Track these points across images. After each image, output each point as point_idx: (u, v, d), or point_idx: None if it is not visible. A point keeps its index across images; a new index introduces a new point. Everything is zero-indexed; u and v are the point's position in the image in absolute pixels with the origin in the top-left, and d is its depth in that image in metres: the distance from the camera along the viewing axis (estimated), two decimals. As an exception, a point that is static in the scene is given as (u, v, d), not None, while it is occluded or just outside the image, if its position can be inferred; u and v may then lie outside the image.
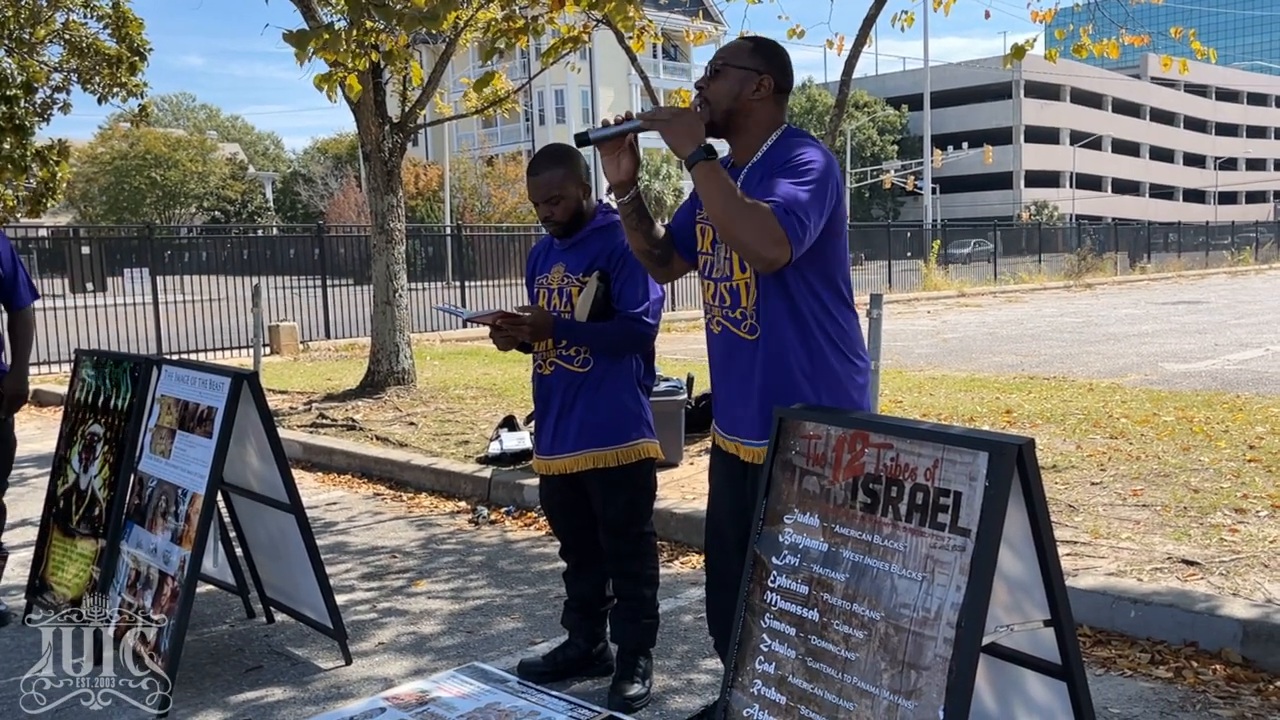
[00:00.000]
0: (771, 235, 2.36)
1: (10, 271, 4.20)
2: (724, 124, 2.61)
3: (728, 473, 2.77)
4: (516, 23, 7.62)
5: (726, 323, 2.66)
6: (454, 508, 5.93)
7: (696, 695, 3.31)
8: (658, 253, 2.76)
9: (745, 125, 2.61)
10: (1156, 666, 3.37)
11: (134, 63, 10.43)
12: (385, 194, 9.23)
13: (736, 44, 2.66)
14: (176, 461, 3.57)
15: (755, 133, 2.61)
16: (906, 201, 62.25)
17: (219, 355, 14.20)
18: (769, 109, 2.62)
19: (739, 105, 2.59)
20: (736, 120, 2.60)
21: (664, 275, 2.87)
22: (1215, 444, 6.11)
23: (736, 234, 2.39)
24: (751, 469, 2.65)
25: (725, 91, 2.59)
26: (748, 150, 2.62)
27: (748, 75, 2.58)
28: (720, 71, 2.60)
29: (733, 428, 2.71)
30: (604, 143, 2.62)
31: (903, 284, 27.51)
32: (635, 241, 2.75)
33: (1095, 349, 12.52)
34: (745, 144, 2.63)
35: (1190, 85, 72.98)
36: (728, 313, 2.65)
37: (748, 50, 2.62)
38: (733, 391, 2.69)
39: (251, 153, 77.55)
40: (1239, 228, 48.34)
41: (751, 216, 2.36)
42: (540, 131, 51.87)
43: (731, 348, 2.67)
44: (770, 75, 2.60)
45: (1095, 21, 7.47)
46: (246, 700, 3.36)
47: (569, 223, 3.24)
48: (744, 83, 2.58)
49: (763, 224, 2.36)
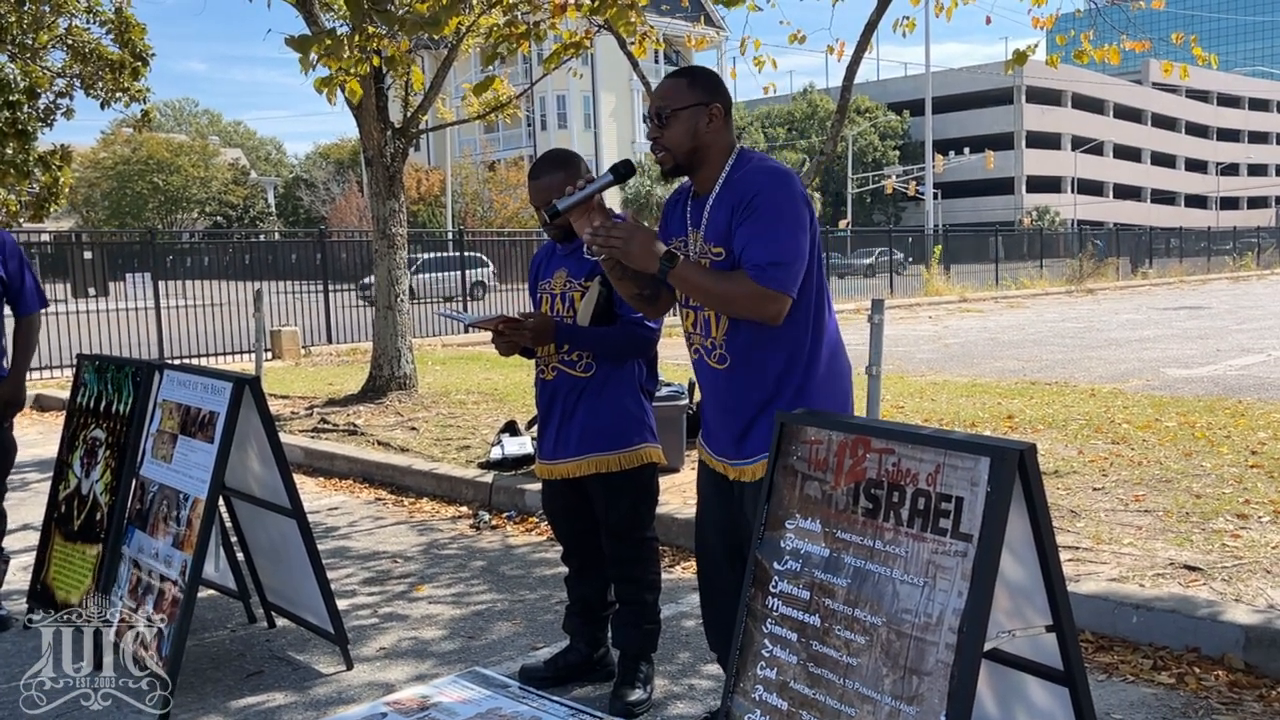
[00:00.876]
0: (762, 299, 2.48)
1: (16, 275, 4.15)
2: (687, 164, 2.65)
3: (714, 486, 2.82)
4: (518, 28, 7.63)
5: (702, 351, 2.73)
6: (455, 513, 5.93)
7: (698, 701, 3.30)
8: (647, 293, 2.80)
9: (706, 158, 2.65)
10: (1159, 672, 3.36)
11: (136, 68, 10.46)
12: (387, 199, 9.24)
13: (671, 84, 2.67)
14: (178, 466, 3.57)
15: (715, 161, 2.66)
16: (908, 207, 62.27)
17: (221, 360, 14.20)
18: (723, 134, 2.66)
19: (698, 142, 2.63)
20: (698, 156, 2.65)
21: (654, 312, 2.93)
22: (1217, 449, 6.10)
23: (734, 312, 2.55)
24: (738, 487, 2.71)
25: (683, 134, 2.62)
26: (710, 180, 2.66)
27: (698, 110, 2.62)
28: (672, 117, 2.62)
29: (715, 446, 2.78)
30: (573, 209, 2.66)
31: (904, 289, 27.51)
32: (624, 289, 2.78)
33: (1097, 354, 12.52)
34: (707, 175, 2.67)
35: (1192, 91, 72.99)
36: (701, 341, 2.71)
37: (686, 86, 2.64)
38: (715, 413, 2.75)
39: (254, 158, 77.69)
40: (1241, 233, 48.29)
41: (737, 293, 2.50)
42: (542, 136, 51.91)
43: (705, 374, 2.74)
44: (717, 102, 2.64)
45: (1096, 27, 7.48)
46: (247, 705, 3.36)
47: (570, 227, 3.24)
48: (697, 118, 2.62)
49: (748, 293, 2.48)
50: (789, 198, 2.53)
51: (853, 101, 21.00)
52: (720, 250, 2.59)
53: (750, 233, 2.51)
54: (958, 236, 34.57)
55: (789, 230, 2.50)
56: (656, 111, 2.65)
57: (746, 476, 2.66)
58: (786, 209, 2.52)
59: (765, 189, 2.53)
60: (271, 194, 59.75)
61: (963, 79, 62.82)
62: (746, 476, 2.66)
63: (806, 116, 59.61)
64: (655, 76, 49.27)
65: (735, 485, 2.71)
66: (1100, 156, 67.76)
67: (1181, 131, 75.64)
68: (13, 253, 4.16)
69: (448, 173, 39.72)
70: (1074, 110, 66.39)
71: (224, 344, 14.74)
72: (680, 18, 34.73)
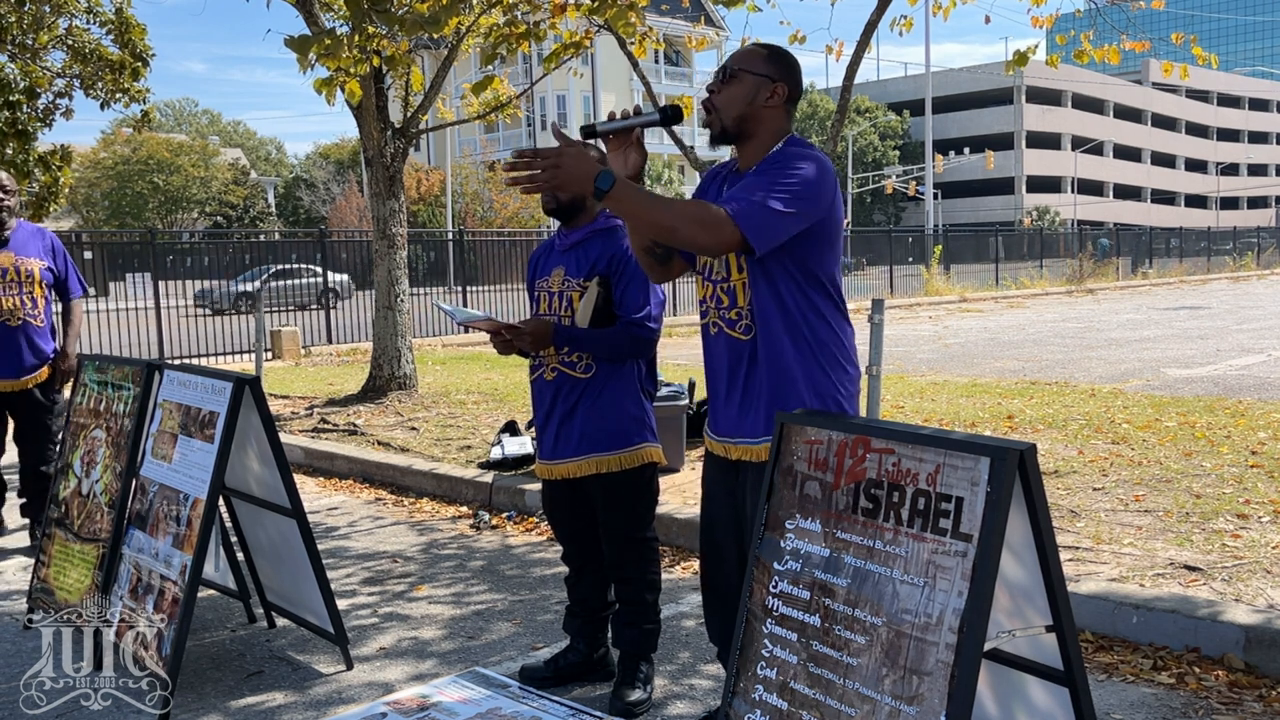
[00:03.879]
0: (716, 221, 2.37)
1: (63, 269, 5.27)
2: (734, 130, 2.59)
3: (720, 479, 2.77)
4: (518, 28, 7.63)
5: (722, 323, 2.67)
6: (455, 513, 5.93)
7: (698, 701, 3.30)
8: (659, 251, 2.73)
9: (755, 132, 2.60)
10: (1159, 672, 3.36)
11: (136, 68, 10.46)
12: (387, 199, 9.24)
13: (751, 50, 2.64)
14: (178, 466, 3.57)
15: (763, 140, 2.60)
16: (908, 207, 62.32)
17: (221, 360, 14.21)
18: (779, 117, 2.61)
19: (750, 111, 2.57)
20: (747, 126, 2.59)
21: (661, 275, 2.85)
22: (1217, 449, 6.10)
23: (677, 238, 2.41)
24: (744, 470, 2.66)
25: (739, 97, 2.57)
26: (754, 157, 2.61)
27: (761, 82, 2.57)
28: (735, 76, 2.58)
29: (723, 428, 2.72)
30: (611, 136, 2.61)
31: (904, 289, 27.51)
32: (636, 240, 2.73)
33: (1097, 354, 12.52)
34: (753, 151, 2.61)
35: (1192, 91, 73.03)
36: (724, 313, 2.66)
37: (762, 57, 2.60)
38: (726, 391, 2.69)
39: (254, 158, 77.71)
40: (1241, 233, 48.29)
41: (686, 212, 2.38)
42: (542, 136, 51.89)
43: (726, 348, 2.67)
44: (784, 84, 2.59)
45: (1096, 27, 7.48)
46: (247, 705, 3.36)
47: (569, 206, 3.23)
48: (758, 89, 2.57)
49: (699, 215, 2.38)
50: (813, 181, 2.46)
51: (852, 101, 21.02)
52: None
53: (762, 181, 2.44)
54: (958, 236, 34.56)
55: (789, 198, 2.41)
56: (724, 68, 2.61)
57: (752, 457, 2.62)
58: (807, 186, 2.44)
59: (803, 168, 2.47)
60: (271, 194, 59.79)
61: (963, 79, 62.84)
62: (752, 457, 2.62)
63: (806, 116, 59.60)
64: (655, 76, 48.92)
65: (742, 470, 2.67)
66: (1100, 156, 67.77)
67: (1181, 131, 75.66)
68: (60, 251, 5.30)
69: (448, 173, 39.74)
70: (1074, 110, 66.40)
71: (224, 344, 14.75)
72: (680, 18, 34.74)
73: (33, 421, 5.22)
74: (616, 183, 2.35)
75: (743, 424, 2.65)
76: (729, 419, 2.69)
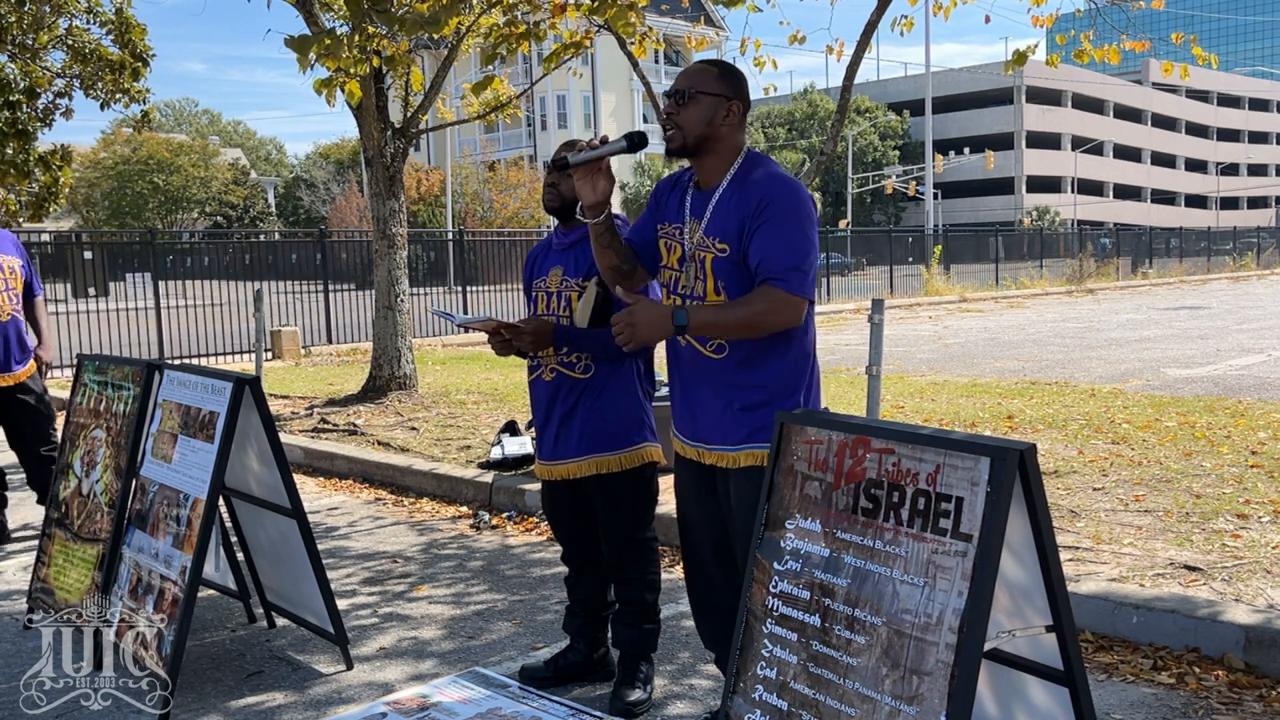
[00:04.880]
0: (785, 305, 2.53)
1: (26, 268, 5.44)
2: (695, 148, 2.68)
3: (695, 481, 2.83)
4: (518, 28, 7.63)
5: (694, 341, 2.72)
6: (455, 513, 5.93)
7: (698, 701, 3.30)
8: (625, 268, 2.83)
9: (715, 149, 2.68)
10: (1159, 672, 3.36)
11: (136, 68, 10.46)
12: (387, 199, 9.24)
13: (702, 69, 2.70)
14: (178, 466, 3.57)
15: (723, 155, 2.69)
16: (908, 207, 62.27)
17: (221, 360, 14.21)
18: (735, 133, 2.69)
19: (710, 131, 2.66)
20: (707, 144, 2.67)
21: (630, 285, 2.92)
22: (1217, 449, 6.10)
23: (759, 331, 2.57)
24: (720, 474, 2.72)
25: (698, 118, 2.65)
26: (716, 173, 2.70)
27: (718, 101, 2.65)
28: (692, 98, 2.65)
29: (699, 435, 2.77)
30: (580, 167, 2.68)
31: (905, 289, 27.51)
32: (605, 259, 2.81)
33: (1097, 354, 12.52)
34: (714, 167, 2.70)
35: (1192, 91, 73.01)
36: None
37: (715, 75, 2.68)
38: (699, 401, 2.74)
39: (254, 158, 77.72)
40: (1241, 233, 48.28)
41: (758, 311, 2.53)
42: (542, 137, 51.93)
43: (694, 364, 2.74)
44: (739, 101, 2.68)
45: (1096, 27, 7.48)
46: (247, 705, 3.36)
47: (568, 205, 3.23)
48: (715, 108, 2.65)
49: (769, 305, 2.52)
50: (801, 206, 2.59)
51: (853, 101, 21.01)
52: (725, 246, 2.62)
53: (768, 237, 2.55)
54: (958, 236, 34.55)
55: (804, 236, 2.56)
56: (679, 90, 2.67)
57: (733, 464, 2.68)
58: (801, 217, 2.58)
59: (780, 196, 2.58)
60: (271, 194, 59.79)
61: (963, 79, 62.83)
62: (733, 464, 2.68)
63: (806, 116, 59.60)
64: (655, 76, 48.97)
65: (720, 475, 2.73)
66: (1100, 156, 67.75)
67: (1181, 131, 75.64)
68: (22, 249, 5.46)
69: (448, 173, 39.73)
70: (1074, 110, 66.39)
71: (224, 344, 14.75)
72: (680, 18, 34.76)
73: (29, 412, 5.40)
74: (690, 315, 2.56)
75: (723, 432, 2.70)
76: (707, 428, 2.73)
